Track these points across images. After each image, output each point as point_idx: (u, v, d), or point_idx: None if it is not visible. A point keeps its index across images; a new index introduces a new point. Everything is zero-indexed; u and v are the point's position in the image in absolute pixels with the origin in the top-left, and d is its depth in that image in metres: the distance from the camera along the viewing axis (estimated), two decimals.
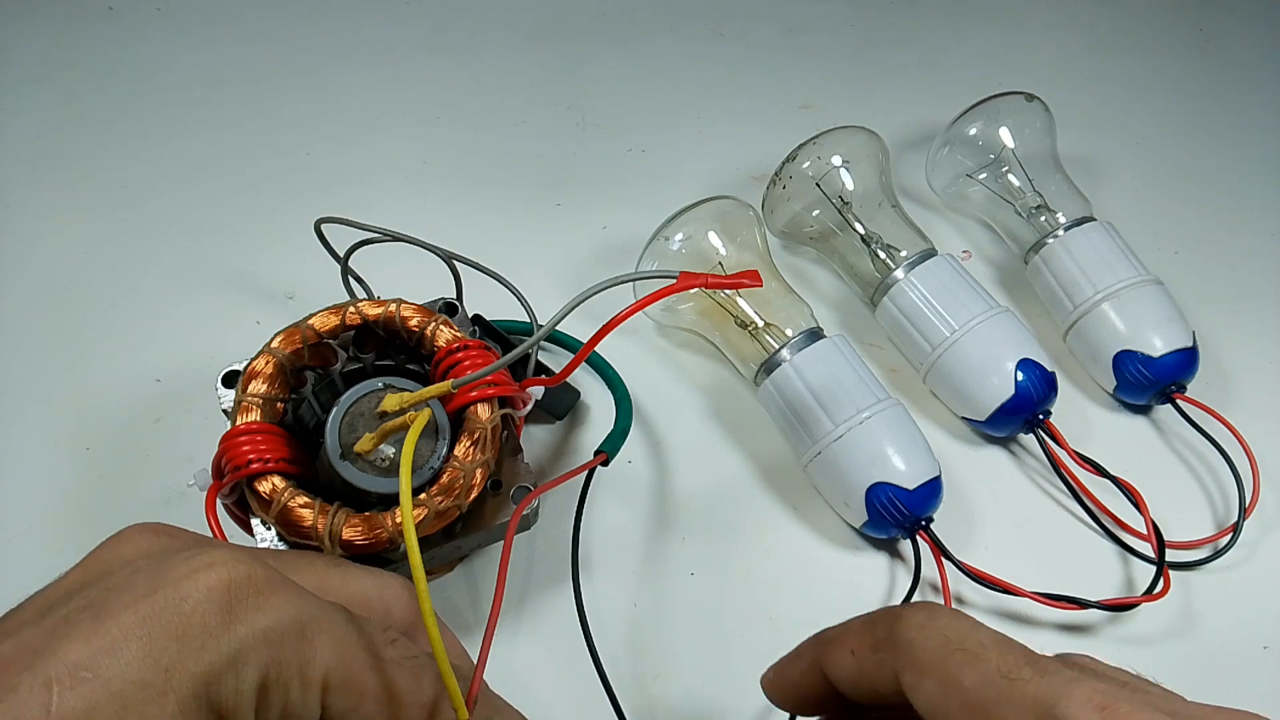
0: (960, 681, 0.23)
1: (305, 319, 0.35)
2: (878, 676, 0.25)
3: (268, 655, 0.22)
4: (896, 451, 0.40)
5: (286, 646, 0.22)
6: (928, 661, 0.23)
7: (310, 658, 0.23)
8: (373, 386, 0.33)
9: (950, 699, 0.23)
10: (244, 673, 0.21)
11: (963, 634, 0.24)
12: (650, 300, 0.29)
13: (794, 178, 0.49)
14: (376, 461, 0.32)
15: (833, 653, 0.26)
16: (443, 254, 0.39)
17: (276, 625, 0.22)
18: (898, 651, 0.24)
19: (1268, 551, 0.43)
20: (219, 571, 0.22)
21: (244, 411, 0.32)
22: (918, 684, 0.23)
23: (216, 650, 0.21)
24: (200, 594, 0.22)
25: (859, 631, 0.26)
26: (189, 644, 0.21)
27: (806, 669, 0.27)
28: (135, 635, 0.21)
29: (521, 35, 0.63)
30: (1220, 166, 0.58)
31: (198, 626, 0.21)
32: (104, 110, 0.57)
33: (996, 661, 0.23)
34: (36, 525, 0.41)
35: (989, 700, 0.22)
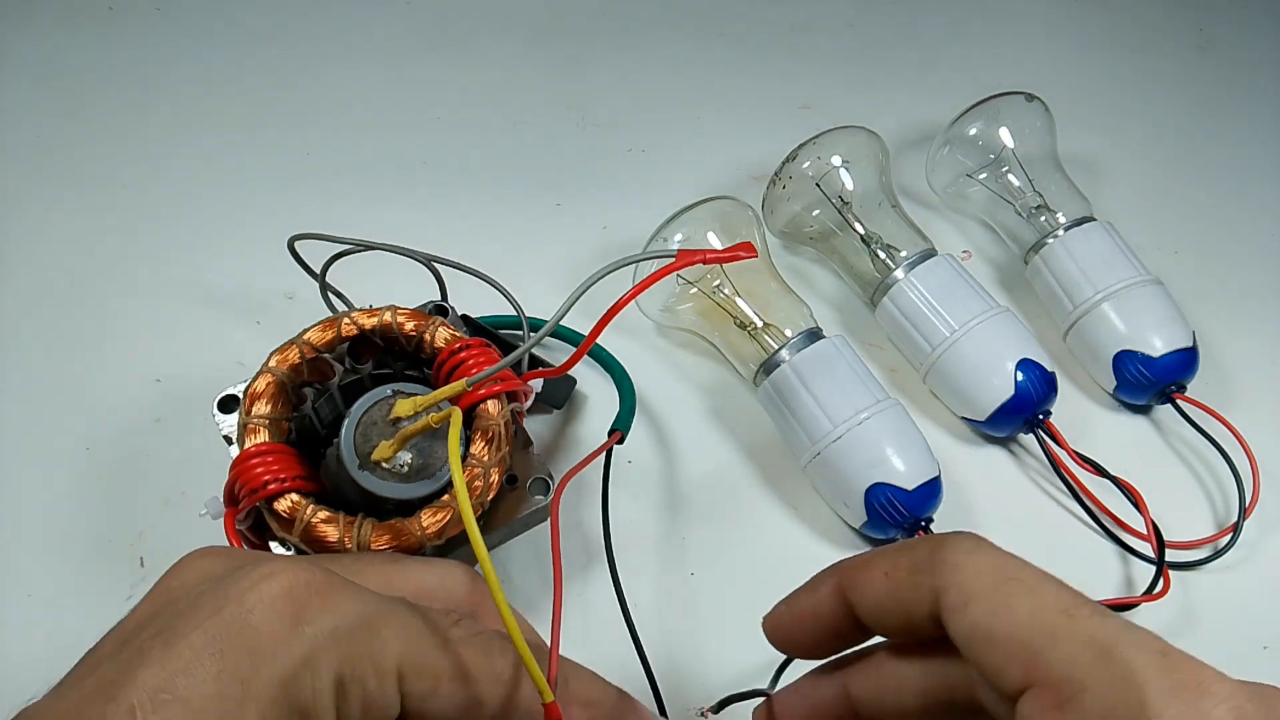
0: (1012, 610, 0.22)
1: (299, 334, 0.34)
2: (912, 599, 0.24)
3: (339, 653, 0.22)
4: (895, 452, 0.40)
5: (356, 642, 0.23)
6: (977, 586, 0.23)
7: (380, 649, 0.23)
8: (382, 394, 0.33)
9: (999, 625, 0.22)
10: (319, 673, 0.22)
11: (1015, 566, 0.23)
12: (651, 281, 0.29)
13: (794, 178, 0.49)
14: (396, 468, 0.32)
15: (862, 575, 0.26)
16: (422, 258, 0.39)
17: (343, 623, 0.23)
18: (942, 572, 0.23)
19: (1268, 551, 0.43)
20: (279, 580, 0.23)
21: (251, 434, 0.32)
22: (962, 607, 0.23)
23: (289, 655, 0.22)
24: (265, 604, 0.22)
25: (894, 554, 0.25)
26: (261, 654, 0.21)
27: (824, 596, 0.27)
28: (207, 653, 0.21)
29: (521, 35, 0.63)
30: (1220, 167, 0.58)
31: (267, 635, 0.22)
32: (104, 110, 0.57)
33: (1054, 597, 0.22)
34: (36, 525, 0.41)
35: (1043, 631, 0.21)
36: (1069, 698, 0.21)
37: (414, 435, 0.31)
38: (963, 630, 0.23)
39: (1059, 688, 0.21)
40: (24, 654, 0.37)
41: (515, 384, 0.34)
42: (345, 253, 0.38)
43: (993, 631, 0.22)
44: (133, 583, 0.39)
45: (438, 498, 0.32)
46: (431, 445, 0.32)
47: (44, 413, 0.44)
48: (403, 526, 0.31)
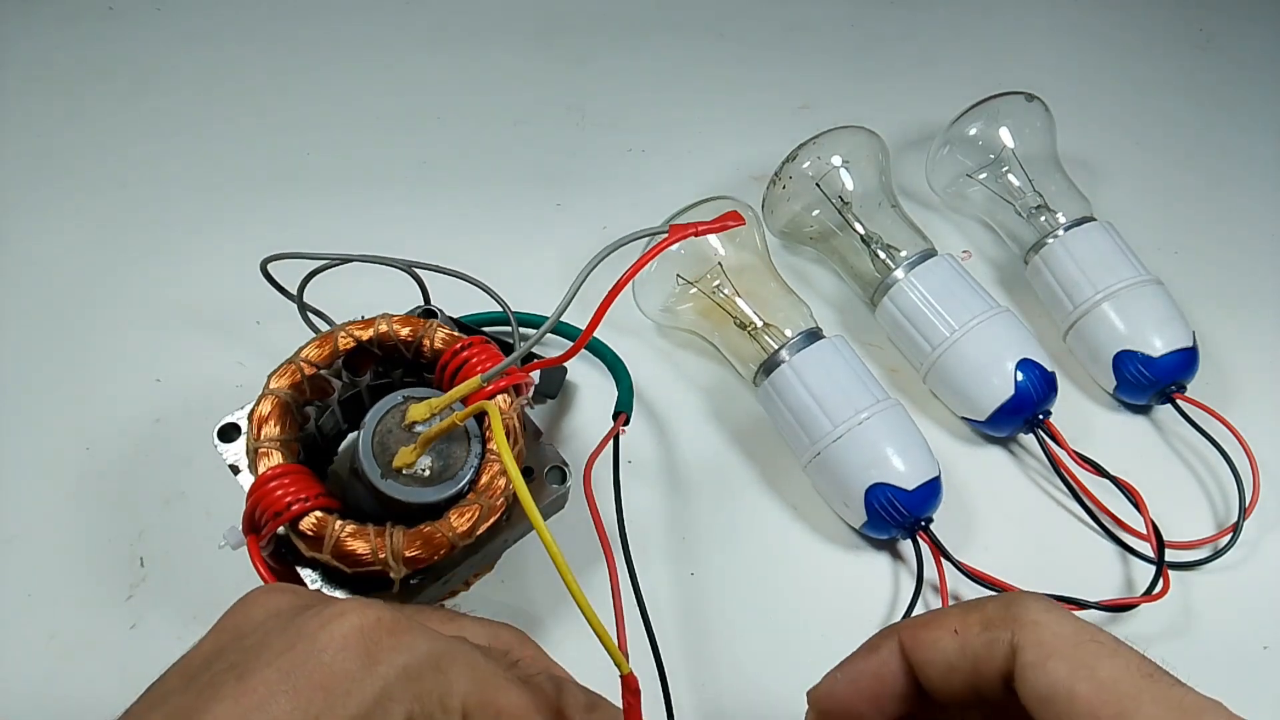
0: (1095, 669, 0.22)
1: (296, 353, 0.34)
2: (985, 656, 0.24)
3: (411, 691, 0.23)
4: (895, 452, 0.40)
5: (426, 680, 0.23)
6: (1058, 645, 0.23)
7: (448, 688, 0.23)
8: (393, 402, 0.33)
9: (1081, 683, 0.22)
10: (391, 710, 0.22)
11: (1094, 629, 0.24)
12: (648, 258, 0.29)
13: (794, 178, 0.49)
14: (418, 473, 0.32)
15: (929, 633, 0.26)
16: (401, 265, 0.39)
17: (414, 661, 0.23)
18: (1021, 628, 0.24)
19: (1268, 551, 0.43)
20: (351, 619, 0.23)
21: (263, 457, 0.32)
22: (1041, 664, 0.23)
23: (363, 694, 0.22)
24: (338, 643, 0.22)
25: (962, 612, 0.25)
26: (334, 691, 0.22)
27: (886, 658, 0.26)
28: (281, 690, 0.21)
29: (521, 35, 0.63)
30: (1220, 166, 0.58)
31: (340, 673, 0.22)
32: (104, 110, 0.57)
33: (1137, 660, 0.22)
34: (36, 525, 0.41)
35: (1128, 692, 0.22)
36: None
37: (437, 436, 0.31)
38: (1041, 687, 0.23)
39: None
40: (24, 654, 0.37)
41: (520, 377, 0.34)
42: (321, 269, 0.38)
43: (1074, 690, 0.22)
44: (133, 583, 0.39)
45: (461, 498, 0.32)
46: (449, 447, 0.32)
47: (44, 413, 0.44)
48: (433, 530, 0.31)
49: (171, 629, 0.38)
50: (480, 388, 0.30)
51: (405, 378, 0.37)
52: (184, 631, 0.38)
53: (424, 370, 0.37)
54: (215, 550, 0.32)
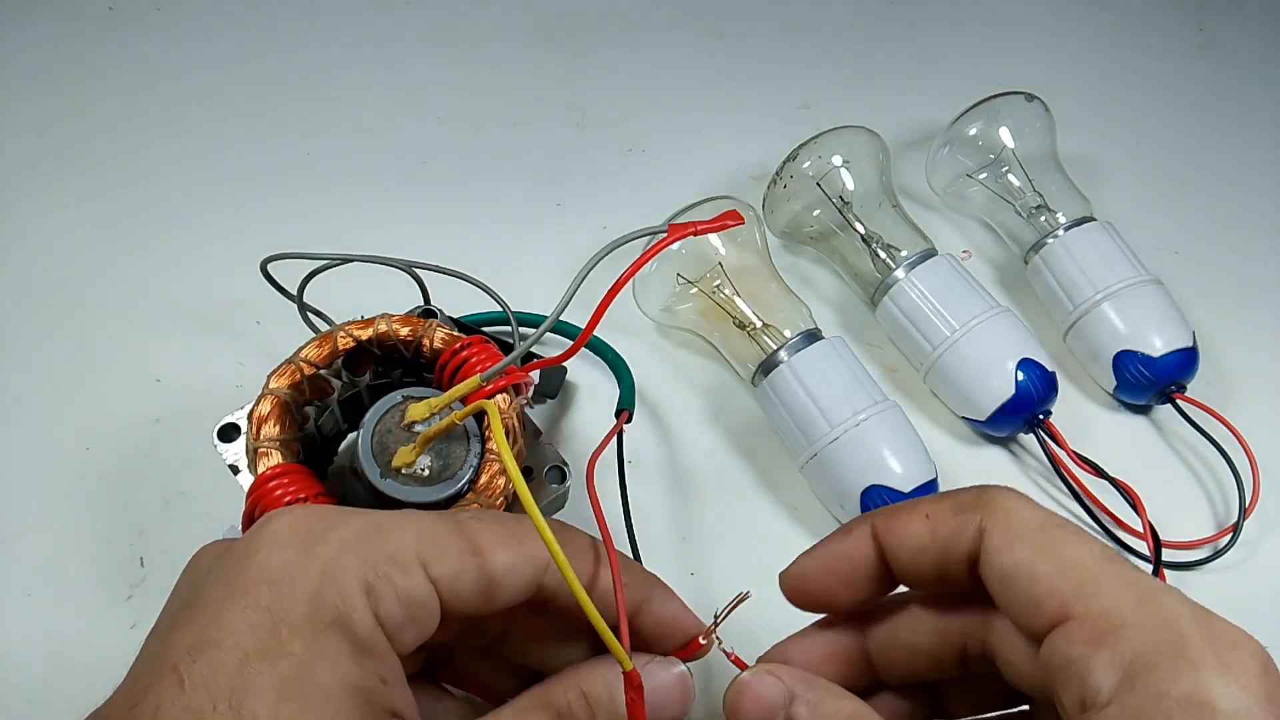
0: (1058, 550, 0.23)
1: (296, 353, 0.34)
2: (954, 540, 0.25)
3: (355, 557, 0.23)
4: (892, 454, 0.40)
5: (368, 544, 0.23)
6: (1023, 529, 0.24)
7: (396, 544, 0.23)
8: (393, 401, 0.33)
9: (1042, 563, 0.23)
10: (342, 581, 0.22)
11: (1060, 519, 0.24)
12: (647, 257, 0.29)
13: (794, 177, 0.49)
14: (417, 473, 0.32)
15: (900, 519, 0.26)
16: (401, 264, 0.39)
17: (349, 533, 0.23)
18: (991, 512, 0.24)
19: (1268, 551, 0.43)
20: (280, 520, 0.23)
21: (263, 457, 0.32)
22: (1007, 546, 0.24)
23: (306, 575, 0.22)
24: (268, 542, 0.23)
25: (935, 499, 0.26)
26: (280, 583, 0.22)
27: (857, 540, 0.27)
28: (228, 599, 0.22)
29: (521, 35, 0.63)
30: (1220, 166, 0.58)
31: (279, 565, 0.22)
32: (104, 110, 0.57)
33: (1099, 547, 0.23)
34: (36, 525, 0.41)
35: (1088, 571, 0.22)
36: (1108, 631, 0.21)
37: (436, 436, 0.31)
38: (1005, 567, 0.24)
39: (1097, 622, 0.22)
40: (24, 654, 0.37)
41: (520, 376, 0.34)
42: (321, 269, 0.38)
43: (1035, 569, 0.23)
44: (133, 583, 0.39)
45: (460, 498, 0.32)
46: (449, 447, 0.32)
47: (44, 413, 0.44)
48: None
49: None
50: (479, 387, 0.30)
51: (405, 378, 0.37)
52: None
53: (423, 370, 0.37)
54: None
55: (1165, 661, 0.21)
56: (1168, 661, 0.21)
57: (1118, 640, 0.21)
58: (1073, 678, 0.22)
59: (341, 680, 0.22)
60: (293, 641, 0.21)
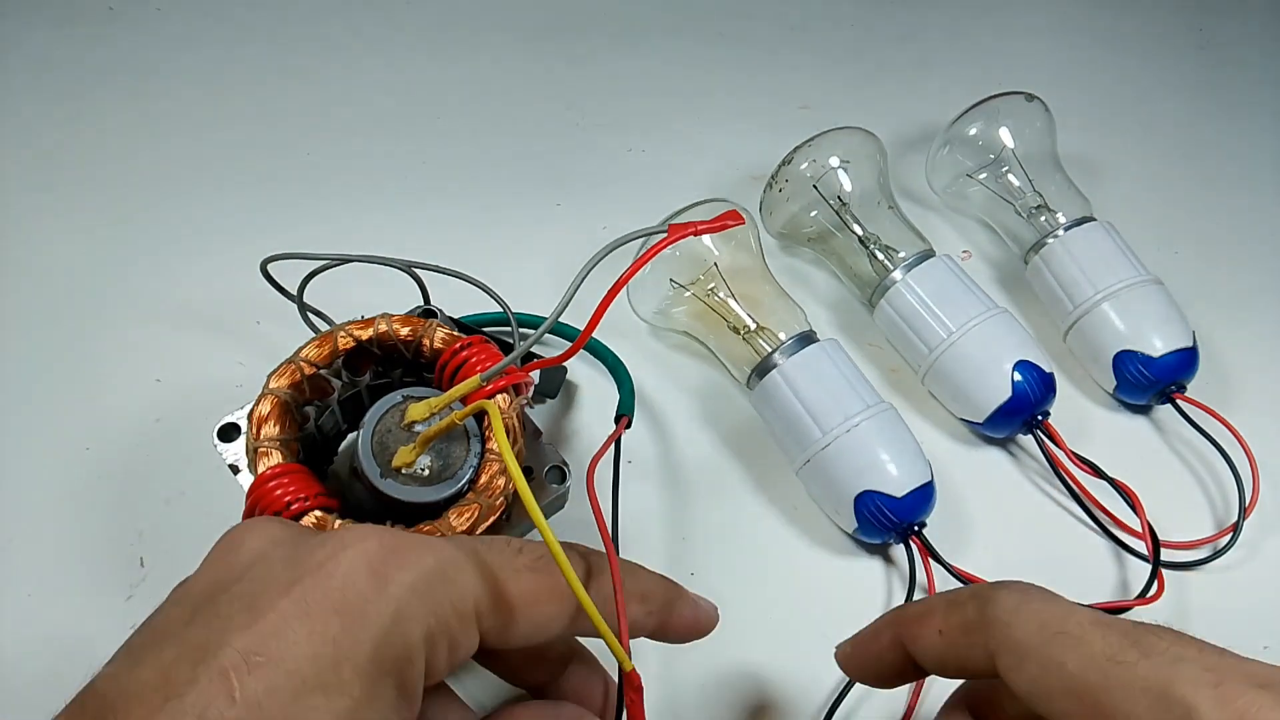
0: (1064, 666, 0.23)
1: (296, 353, 0.34)
2: (969, 657, 0.25)
3: (425, 607, 0.23)
4: (886, 459, 0.40)
5: (437, 592, 0.23)
6: (1027, 645, 0.24)
7: (460, 595, 0.23)
8: (393, 401, 0.33)
9: (1053, 683, 0.23)
10: (409, 628, 0.22)
11: (1060, 616, 0.24)
12: (646, 258, 0.29)
13: (791, 179, 0.49)
14: (417, 473, 0.32)
15: (917, 631, 0.27)
16: (401, 265, 0.39)
17: (422, 577, 0.23)
18: (992, 634, 0.24)
19: (1268, 551, 0.43)
20: (357, 547, 0.23)
21: (263, 457, 0.32)
22: (1017, 667, 0.24)
23: (379, 615, 0.22)
24: (345, 568, 0.22)
25: (945, 611, 0.26)
26: (350, 614, 0.22)
27: (888, 645, 0.28)
28: (296, 617, 0.21)
29: (521, 35, 0.63)
30: (1220, 166, 0.58)
31: (354, 598, 0.22)
32: (104, 110, 0.57)
33: (1100, 645, 0.23)
34: (36, 525, 0.41)
35: (1096, 685, 0.22)
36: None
37: (436, 436, 0.31)
38: (1023, 688, 0.24)
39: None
40: (24, 654, 0.37)
41: (520, 376, 0.34)
42: (321, 269, 0.38)
43: (1050, 689, 0.23)
44: (133, 582, 0.39)
45: (461, 498, 0.32)
46: (449, 447, 0.32)
47: (44, 413, 0.44)
48: (432, 530, 0.31)
49: None
50: (479, 387, 0.30)
51: (405, 377, 0.37)
52: None
53: (424, 370, 0.37)
54: None
55: None
56: None
57: None
58: None
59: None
60: (354, 683, 0.21)
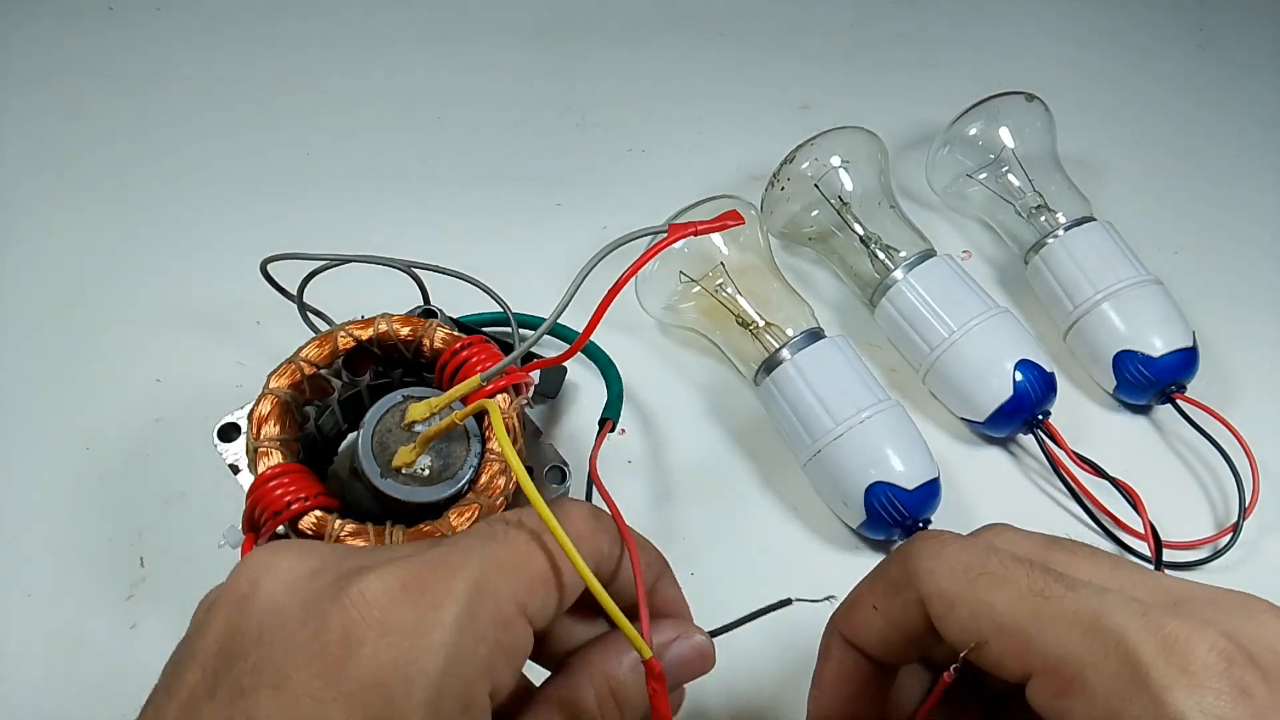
0: (993, 606, 0.22)
1: (296, 353, 0.34)
2: (906, 619, 0.25)
3: (472, 637, 0.21)
4: (896, 452, 0.40)
5: (481, 614, 0.21)
6: (953, 589, 0.23)
7: (502, 601, 0.22)
8: (393, 401, 0.33)
9: (983, 623, 0.22)
10: (466, 673, 0.20)
11: (981, 557, 0.23)
12: (646, 258, 0.29)
13: (792, 179, 0.49)
14: (417, 472, 0.32)
15: (855, 618, 0.26)
16: (401, 265, 0.39)
17: (462, 606, 0.21)
18: (919, 584, 0.24)
19: (1268, 551, 0.43)
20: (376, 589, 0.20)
21: (263, 457, 0.32)
22: (948, 614, 0.23)
23: (425, 674, 0.20)
24: (378, 630, 0.20)
25: (871, 584, 0.26)
26: (394, 687, 0.19)
27: (839, 660, 0.27)
28: (329, 700, 0.19)
29: (521, 35, 0.63)
30: (1220, 166, 0.58)
31: (393, 667, 0.20)
32: (104, 110, 0.57)
33: (1025, 581, 0.22)
34: (36, 525, 0.41)
35: (1026, 620, 0.22)
36: (1071, 678, 0.21)
37: (437, 435, 0.31)
38: (954, 635, 0.23)
39: (1058, 671, 0.21)
40: (24, 654, 0.37)
41: (521, 376, 0.34)
42: (321, 269, 0.38)
43: (981, 631, 0.22)
44: (133, 583, 0.39)
45: (461, 497, 0.32)
46: (449, 447, 0.32)
47: (44, 413, 0.44)
48: (433, 529, 0.31)
49: (171, 629, 0.38)
50: (479, 387, 0.30)
51: (405, 377, 0.37)
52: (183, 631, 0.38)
53: (424, 370, 0.37)
54: (215, 550, 0.32)
55: (1134, 696, 0.20)
56: (1135, 695, 0.20)
57: (1083, 687, 0.21)
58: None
59: None
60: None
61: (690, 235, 0.30)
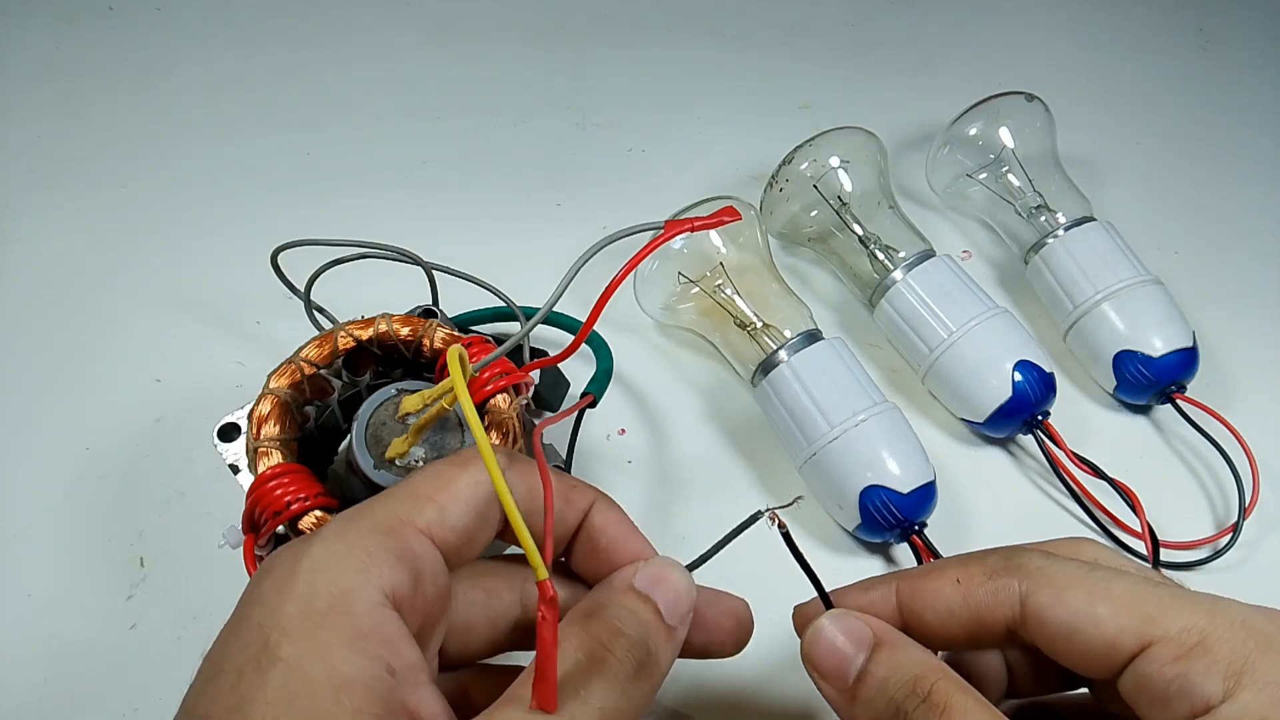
0: (1112, 591, 0.24)
1: (296, 353, 0.34)
2: (989, 604, 0.25)
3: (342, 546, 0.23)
4: (891, 455, 0.40)
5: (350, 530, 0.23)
6: (1068, 581, 0.25)
7: (377, 518, 0.24)
8: (386, 395, 0.33)
9: (1103, 607, 0.24)
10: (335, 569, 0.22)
11: (1091, 558, 0.26)
12: (643, 255, 0.29)
13: (791, 179, 0.49)
14: (411, 463, 0.32)
15: (928, 584, 0.27)
16: (415, 259, 0.39)
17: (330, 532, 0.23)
18: (1027, 575, 0.25)
19: (1268, 551, 0.43)
20: (270, 558, 0.23)
21: (263, 457, 0.32)
22: (1059, 600, 0.24)
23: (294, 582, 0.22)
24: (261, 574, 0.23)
25: (961, 564, 0.27)
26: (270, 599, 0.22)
27: (877, 599, 0.27)
28: (230, 636, 0.22)
29: (521, 35, 0.63)
30: (1220, 166, 0.58)
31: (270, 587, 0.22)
32: (104, 110, 0.57)
33: (1139, 574, 0.25)
34: (36, 525, 0.41)
35: (1148, 599, 0.24)
36: (1196, 645, 0.23)
37: (428, 424, 0.31)
38: (1063, 619, 0.24)
39: (1182, 638, 0.23)
40: (24, 654, 0.37)
41: (520, 376, 0.34)
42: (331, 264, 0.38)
43: (1097, 613, 0.24)
44: (133, 583, 0.39)
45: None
46: (442, 438, 0.33)
47: (44, 413, 0.44)
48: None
49: (171, 629, 0.38)
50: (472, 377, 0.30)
51: (405, 377, 0.37)
52: (184, 632, 0.38)
53: (424, 370, 0.37)
54: (215, 550, 0.32)
55: (1260, 657, 0.22)
56: (1263, 656, 0.22)
57: (1208, 650, 0.23)
58: (1174, 695, 0.23)
59: (332, 674, 0.20)
60: (281, 645, 0.21)
61: (687, 231, 0.30)
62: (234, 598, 0.25)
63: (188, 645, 0.38)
